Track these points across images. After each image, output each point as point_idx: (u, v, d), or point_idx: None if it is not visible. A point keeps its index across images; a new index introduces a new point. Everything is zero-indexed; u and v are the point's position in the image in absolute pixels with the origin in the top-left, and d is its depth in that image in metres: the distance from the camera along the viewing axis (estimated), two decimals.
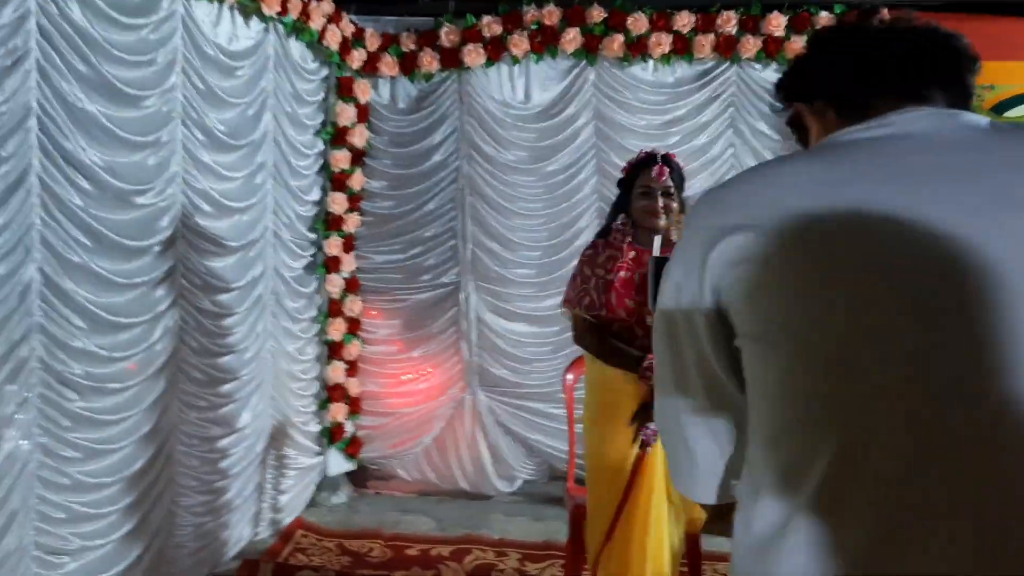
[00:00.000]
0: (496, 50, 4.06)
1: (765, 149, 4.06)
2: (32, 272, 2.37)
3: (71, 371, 2.52)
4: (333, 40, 3.86)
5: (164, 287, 2.91)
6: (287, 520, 3.92)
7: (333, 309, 4.23)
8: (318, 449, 4.21)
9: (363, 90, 4.11)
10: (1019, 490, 0.77)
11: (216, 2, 3.10)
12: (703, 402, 1.01)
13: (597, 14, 3.96)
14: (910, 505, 0.79)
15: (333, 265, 4.21)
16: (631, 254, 2.77)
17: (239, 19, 3.25)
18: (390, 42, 4.09)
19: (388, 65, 4.09)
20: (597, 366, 2.78)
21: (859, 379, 0.82)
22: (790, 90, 1.09)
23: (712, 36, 3.98)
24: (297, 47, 3.73)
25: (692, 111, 4.10)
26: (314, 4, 3.63)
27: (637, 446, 2.68)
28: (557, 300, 4.24)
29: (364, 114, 4.16)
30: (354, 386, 4.32)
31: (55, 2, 2.37)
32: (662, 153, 2.80)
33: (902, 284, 0.82)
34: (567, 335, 4.25)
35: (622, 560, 2.71)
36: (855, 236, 0.84)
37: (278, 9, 3.33)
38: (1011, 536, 0.77)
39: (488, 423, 4.33)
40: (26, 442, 2.40)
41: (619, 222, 2.81)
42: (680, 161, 4.09)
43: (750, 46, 3.97)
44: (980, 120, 0.94)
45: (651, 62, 4.09)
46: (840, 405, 0.83)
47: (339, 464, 4.30)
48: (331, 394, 4.24)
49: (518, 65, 4.13)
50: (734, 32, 3.97)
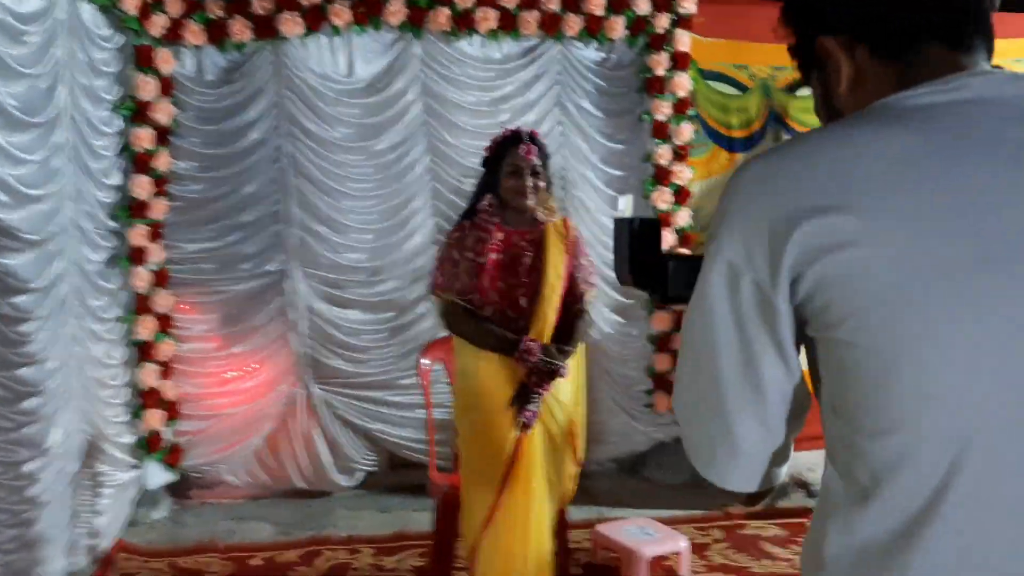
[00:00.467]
0: (315, 20, 3.80)
1: (591, 127, 4.14)
2: None
3: None
4: (130, 4, 3.42)
5: None
6: (106, 544, 3.49)
7: (141, 306, 3.81)
8: (134, 462, 3.78)
9: (165, 60, 3.70)
10: None
11: None
12: (750, 391, 0.94)
13: None
14: None
15: (138, 257, 3.77)
16: (499, 235, 2.71)
17: None
18: (195, 8, 3.69)
19: (193, 33, 3.70)
20: (470, 351, 2.70)
21: (987, 376, 0.80)
22: (809, 15, 0.96)
23: (537, 13, 3.98)
24: (89, 10, 3.26)
25: (520, 88, 4.09)
26: None
27: (516, 429, 2.64)
28: (392, 285, 4.13)
29: (167, 87, 3.74)
30: (170, 389, 3.92)
31: None
32: (527, 131, 2.76)
33: None
34: (404, 321, 4.15)
35: (504, 543, 2.67)
36: (978, 224, 0.80)
37: None
38: None
39: (325, 417, 4.10)
40: None
41: (485, 202, 2.73)
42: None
43: (573, 24, 4.02)
44: None
45: (477, 37, 4.02)
46: (968, 401, 0.81)
47: (158, 476, 3.90)
48: (145, 400, 3.82)
49: (339, 36, 3.90)
50: (557, 10, 4.00)
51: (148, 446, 3.83)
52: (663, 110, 4.15)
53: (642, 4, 4.06)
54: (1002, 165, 0.82)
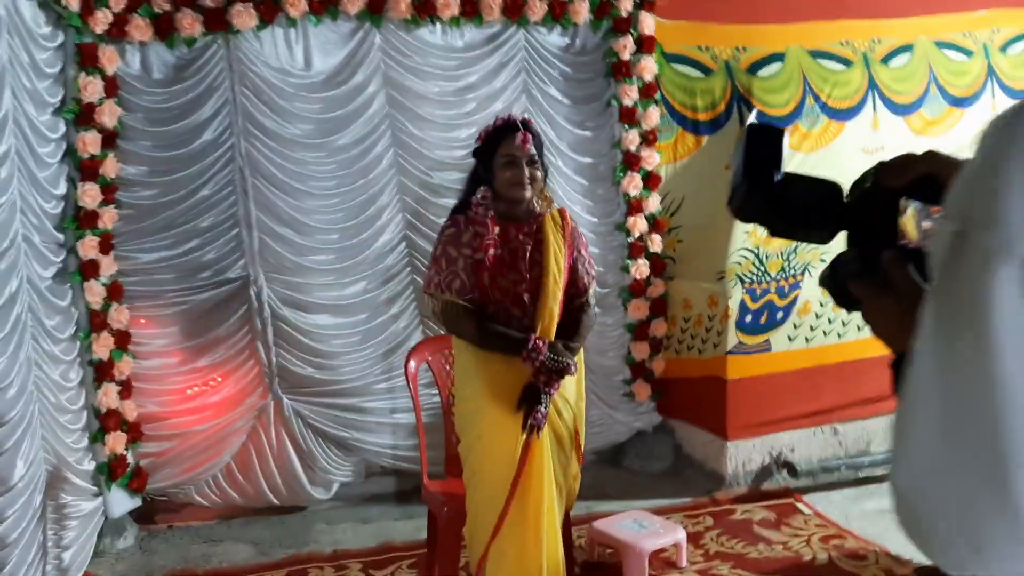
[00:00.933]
0: (269, 11, 3.59)
1: (558, 115, 4.05)
2: None
3: None
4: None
5: None
6: None
7: (96, 322, 3.55)
8: (96, 490, 3.54)
9: (109, 58, 3.44)
10: None
11: None
12: None
13: None
14: None
15: (91, 270, 3.52)
16: (496, 229, 2.59)
17: None
18: (140, 2, 3.44)
19: (139, 29, 3.45)
20: (472, 353, 2.59)
21: None
22: None
23: None
24: (28, 7, 3.00)
25: (485, 77, 3.96)
26: None
27: (526, 432, 2.54)
28: (362, 286, 3.97)
29: (113, 87, 3.48)
30: (131, 409, 3.67)
31: None
32: (520, 119, 2.64)
33: None
34: (376, 323, 3.99)
35: (516, 551, 2.57)
36: None
37: None
38: None
39: (296, 428, 3.91)
40: None
41: (479, 195, 2.61)
42: (479, 128, 4.00)
43: (537, 9, 3.91)
44: None
45: (439, 25, 3.87)
46: None
47: (123, 503, 3.66)
48: (105, 423, 3.57)
49: (295, 28, 3.70)
50: None
51: (110, 472, 3.58)
52: (630, 95, 4.09)
53: None
54: None
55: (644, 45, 4.08)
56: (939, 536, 0.71)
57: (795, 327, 4.13)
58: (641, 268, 4.22)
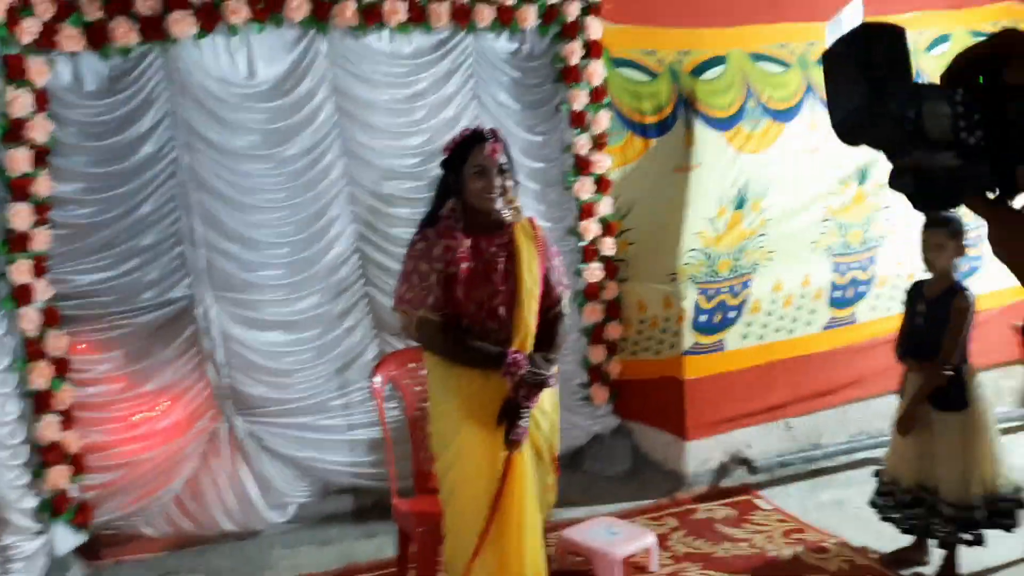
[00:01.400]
0: (209, 18, 3.45)
1: (509, 120, 4.01)
2: None
3: None
4: None
5: None
6: None
7: (32, 351, 3.35)
8: (39, 527, 3.34)
9: (39, 70, 3.25)
10: None
11: None
12: None
13: None
14: None
15: (24, 296, 3.32)
16: (467, 242, 2.53)
17: None
18: (70, 10, 3.26)
19: (70, 38, 3.26)
20: (447, 369, 2.52)
21: None
22: None
23: (447, 4, 3.79)
24: None
25: (435, 83, 3.89)
26: None
27: (506, 448, 2.49)
28: (314, 300, 3.86)
29: (43, 101, 3.29)
30: (73, 441, 3.47)
31: None
32: (488, 129, 2.59)
33: None
34: (330, 338, 3.89)
35: (500, 566, 2.52)
36: None
37: None
38: None
39: (251, 450, 3.77)
40: None
41: (448, 207, 2.55)
42: (431, 135, 3.96)
43: (485, 15, 3.86)
44: None
45: (387, 32, 3.78)
46: None
47: (68, 539, 3.46)
48: (47, 456, 3.37)
49: (237, 36, 3.56)
50: (467, 0, 3.83)
51: (54, 508, 3.38)
52: (579, 99, 4.08)
53: None
54: None
55: (592, 50, 4.08)
56: None
57: (747, 325, 4.19)
58: (594, 272, 4.23)
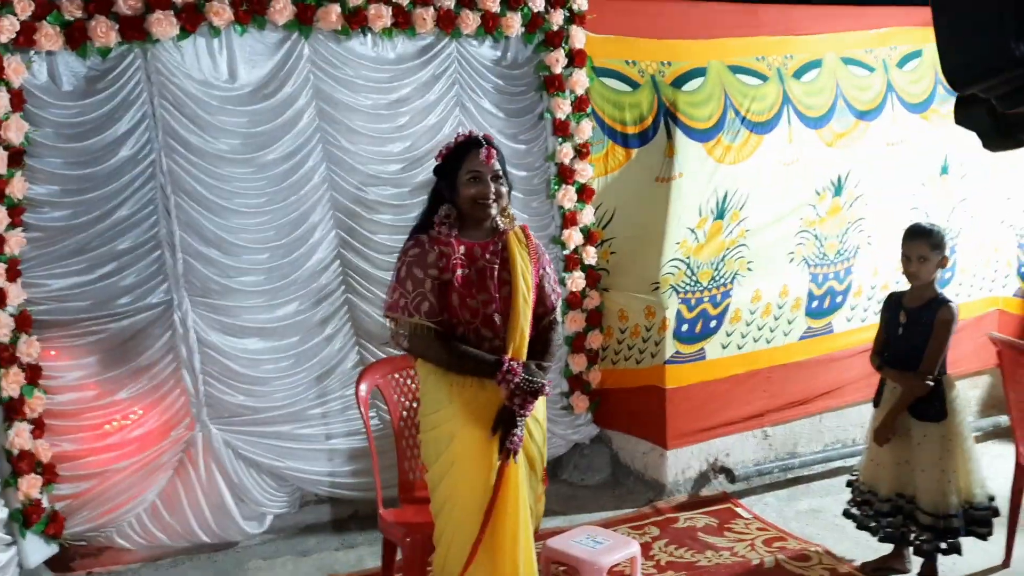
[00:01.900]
0: (191, 19, 3.38)
1: (492, 128, 3.99)
2: None
3: None
4: None
5: None
6: None
7: (4, 356, 3.24)
8: (9, 539, 3.23)
9: (15, 70, 3.16)
10: None
11: None
12: None
13: None
14: None
15: None
16: (461, 249, 2.51)
17: None
18: (49, 8, 3.18)
19: (48, 37, 3.18)
20: (441, 377, 2.50)
21: None
22: None
23: (432, 10, 3.78)
24: None
25: (418, 89, 3.86)
26: None
27: (501, 457, 2.47)
28: (293, 307, 3.80)
29: (19, 101, 3.20)
30: (44, 450, 3.37)
31: None
32: (481, 135, 2.57)
33: None
34: (309, 345, 3.84)
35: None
36: None
37: None
38: None
39: (227, 460, 3.69)
40: None
41: (442, 214, 2.52)
42: (413, 141, 3.94)
43: (470, 21, 3.85)
44: None
45: (370, 36, 3.75)
46: None
47: (39, 551, 3.36)
48: (17, 466, 3.26)
49: (218, 38, 3.50)
50: (452, 6, 3.82)
51: (24, 518, 3.28)
52: (563, 108, 4.09)
53: (537, 0, 3.96)
54: None
55: (575, 59, 4.09)
56: None
57: (727, 335, 4.22)
58: (577, 280, 4.23)
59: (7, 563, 3.19)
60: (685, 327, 4.10)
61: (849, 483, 3.50)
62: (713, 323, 4.17)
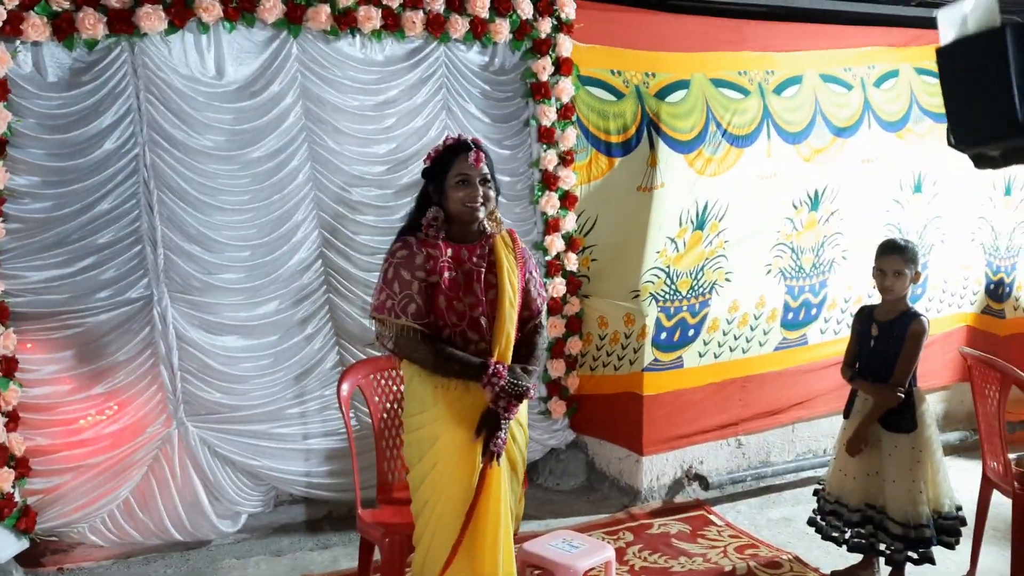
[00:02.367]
0: (180, 14, 3.37)
1: (478, 132, 4.00)
2: None
3: None
4: None
5: None
6: None
7: None
8: None
9: (0, 59, 3.13)
10: None
11: None
12: None
13: None
14: None
15: None
16: (448, 251, 2.53)
17: None
18: None
19: (35, 27, 3.16)
20: (426, 378, 2.51)
21: None
22: None
23: (422, 13, 3.80)
24: None
25: (405, 92, 3.88)
26: None
27: (483, 459, 2.48)
28: (274, 306, 3.80)
29: (3, 90, 3.17)
30: (18, 443, 3.34)
31: None
32: (470, 139, 2.59)
33: None
34: (288, 344, 3.84)
35: None
36: None
37: None
38: None
39: (202, 457, 3.67)
40: None
41: (430, 216, 2.54)
42: (399, 143, 3.95)
43: (459, 26, 3.88)
44: None
45: (359, 38, 3.76)
46: None
47: (10, 546, 3.32)
48: None
49: (207, 34, 3.50)
50: (442, 11, 3.84)
51: None
52: (548, 115, 4.12)
53: (525, 8, 4.00)
54: None
55: (562, 67, 4.13)
56: None
57: (705, 344, 4.28)
58: (558, 286, 4.26)
59: None
60: (664, 335, 4.14)
61: (816, 492, 3.56)
62: (691, 332, 4.23)
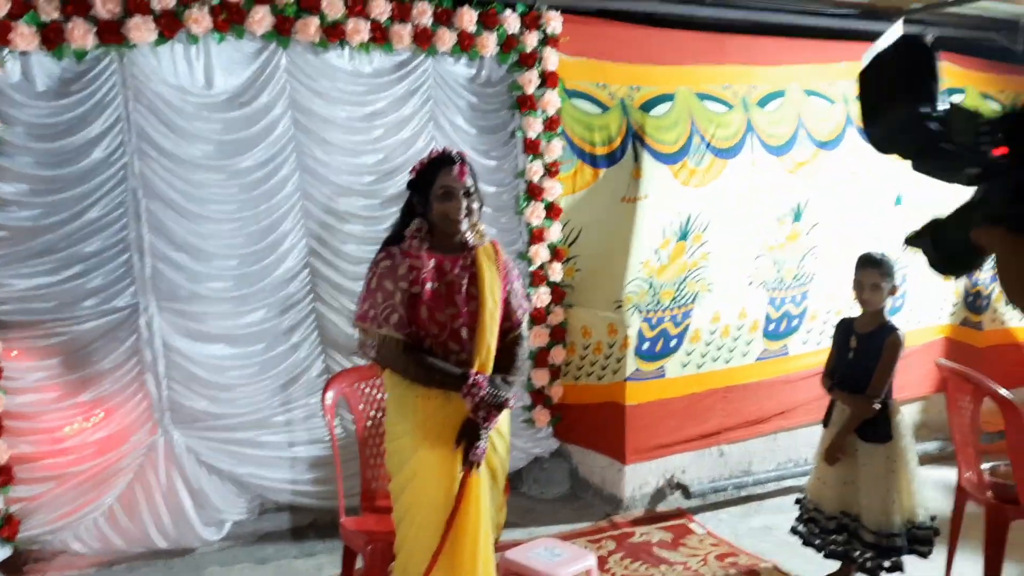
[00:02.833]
0: (170, 25, 3.41)
1: (464, 144, 4.06)
2: None
3: None
4: None
5: None
6: None
7: None
8: None
9: None
10: None
11: None
12: None
13: None
14: None
15: None
16: (431, 263, 2.56)
17: None
18: (26, 8, 3.18)
19: (24, 37, 3.19)
20: (407, 388, 2.54)
21: None
22: None
23: (409, 26, 3.84)
24: None
25: (393, 104, 3.92)
26: None
27: (463, 469, 2.52)
28: (260, 315, 3.83)
29: None
30: (3, 451, 3.35)
31: None
32: (455, 152, 2.64)
33: None
34: (275, 353, 3.86)
35: None
36: None
37: None
38: None
39: (188, 465, 3.69)
40: None
41: (414, 227, 2.58)
42: (386, 154, 3.99)
43: (446, 39, 3.93)
44: None
45: (347, 50, 3.80)
46: None
47: None
48: None
49: (196, 45, 3.53)
50: (429, 24, 3.89)
51: None
52: (534, 127, 4.18)
53: (512, 22, 4.05)
54: None
55: (547, 80, 4.18)
56: None
57: (687, 354, 4.33)
58: (542, 296, 4.31)
59: None
60: (646, 345, 4.19)
61: (797, 500, 3.61)
62: (673, 342, 4.28)
